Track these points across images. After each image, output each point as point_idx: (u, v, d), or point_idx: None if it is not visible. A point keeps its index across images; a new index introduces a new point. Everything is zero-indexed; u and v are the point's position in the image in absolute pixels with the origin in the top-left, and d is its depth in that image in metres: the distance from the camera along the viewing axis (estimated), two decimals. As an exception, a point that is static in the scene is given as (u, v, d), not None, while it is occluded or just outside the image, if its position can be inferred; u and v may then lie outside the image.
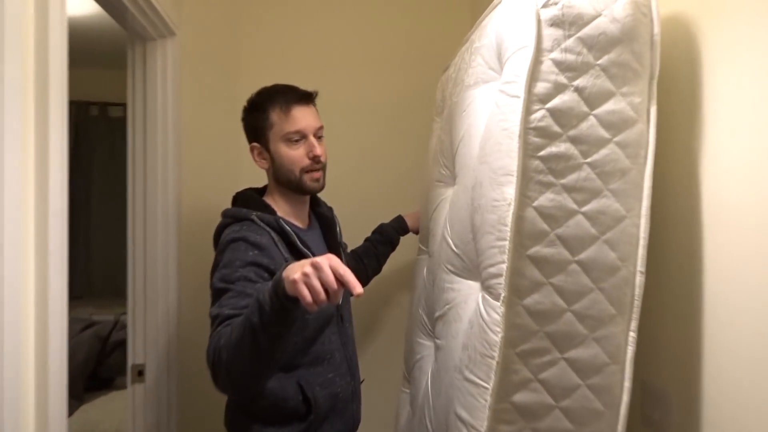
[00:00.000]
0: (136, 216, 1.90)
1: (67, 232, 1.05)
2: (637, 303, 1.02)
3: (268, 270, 1.23)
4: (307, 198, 1.47)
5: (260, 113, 1.37)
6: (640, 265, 1.01)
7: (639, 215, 1.02)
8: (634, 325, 1.02)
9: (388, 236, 1.78)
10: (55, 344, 1.01)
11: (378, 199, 2.01)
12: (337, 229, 1.54)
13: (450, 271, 1.30)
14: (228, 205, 1.43)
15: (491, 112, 1.12)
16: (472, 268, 1.19)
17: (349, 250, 1.70)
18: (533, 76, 0.99)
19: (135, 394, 1.91)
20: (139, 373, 1.91)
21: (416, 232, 1.79)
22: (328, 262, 0.93)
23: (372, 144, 2.13)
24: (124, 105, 4.57)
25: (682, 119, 1.04)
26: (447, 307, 1.30)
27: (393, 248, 1.80)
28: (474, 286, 1.20)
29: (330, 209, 1.57)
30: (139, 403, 1.91)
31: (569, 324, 1.01)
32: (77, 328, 3.56)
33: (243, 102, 2.03)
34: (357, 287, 0.92)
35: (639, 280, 1.02)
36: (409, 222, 1.78)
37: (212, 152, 2.02)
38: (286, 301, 0.97)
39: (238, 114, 2.03)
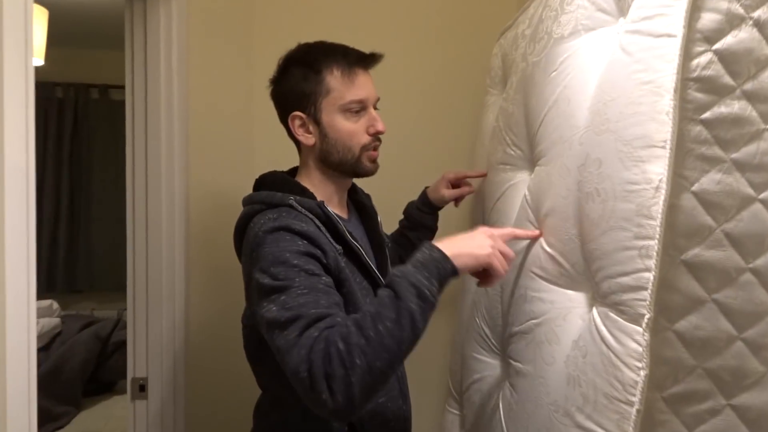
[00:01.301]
0: (137, 207, 1.68)
1: (34, 223, 0.82)
2: (833, 328, 0.73)
3: (322, 264, 0.99)
4: (350, 185, 1.24)
5: (313, 74, 1.11)
6: (839, 274, 0.73)
7: (839, 204, 0.73)
8: (827, 359, 0.74)
9: (413, 218, 1.51)
10: (17, 358, 0.83)
11: (417, 188, 1.75)
12: (379, 220, 1.30)
13: (537, 276, 1.04)
14: (244, 192, 1.16)
15: (613, 63, 0.84)
16: (575, 275, 0.93)
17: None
18: (696, 4, 0.70)
19: (136, 411, 1.72)
20: (141, 388, 1.70)
21: (439, 204, 1.48)
22: (493, 230, 1.00)
23: (411, 123, 1.88)
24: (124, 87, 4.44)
25: None
26: (533, 322, 1.03)
27: (428, 228, 1.51)
28: (577, 298, 0.94)
29: (368, 197, 1.33)
30: (141, 421, 1.72)
31: (739, 357, 0.75)
32: (75, 327, 3.35)
33: (259, 70, 1.78)
34: (535, 233, 1.05)
35: (837, 296, 0.73)
36: (431, 193, 1.49)
37: (223, 133, 1.78)
38: (449, 273, 0.92)
39: (254, 84, 1.79)
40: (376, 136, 1.14)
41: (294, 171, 1.22)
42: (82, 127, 4.27)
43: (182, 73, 1.68)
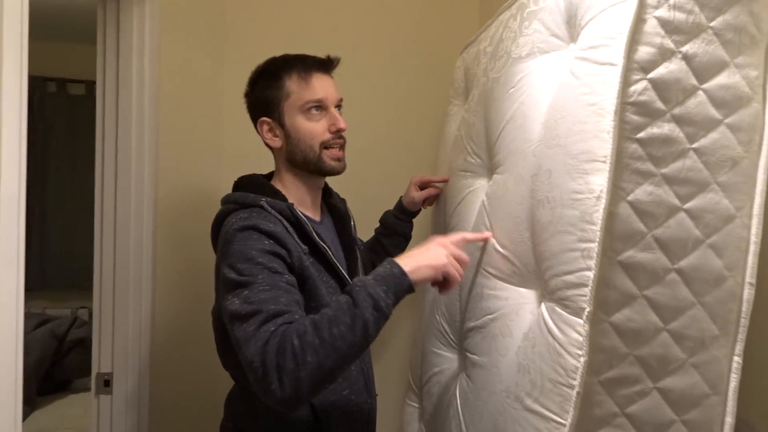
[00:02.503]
0: (105, 204, 1.65)
1: (24, 219, 0.85)
2: (744, 322, 0.85)
3: (286, 263, 1.04)
4: (322, 185, 1.28)
5: (274, 81, 1.18)
6: (750, 275, 0.84)
7: (750, 215, 0.84)
8: (739, 348, 0.85)
9: (389, 225, 1.56)
10: (6, 344, 0.86)
11: (384, 190, 1.79)
12: (352, 223, 1.34)
13: (492, 275, 1.11)
14: (212, 190, 1.20)
15: (564, 85, 0.92)
16: (527, 273, 1.01)
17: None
18: (634, 38, 0.80)
19: (100, 406, 1.69)
20: (106, 383, 1.68)
21: (415, 209, 1.55)
22: (445, 240, 1.03)
23: (379, 130, 1.91)
24: (84, 82, 4.31)
25: (800, 100, 0.86)
26: (488, 317, 1.10)
27: (402, 236, 1.57)
28: (528, 294, 1.02)
29: (343, 201, 1.38)
30: (105, 416, 1.69)
31: (664, 346, 0.83)
32: (30, 325, 3.25)
33: (229, 71, 1.81)
34: (484, 235, 1.12)
35: (747, 293, 0.84)
36: (404, 198, 1.56)
37: (193, 130, 1.78)
38: (405, 289, 0.97)
39: (224, 85, 1.82)
40: (338, 135, 1.18)
41: (271, 175, 1.27)
42: (38, 121, 4.14)
43: (154, 73, 1.67)
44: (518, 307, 1.02)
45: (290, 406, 0.91)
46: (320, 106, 1.16)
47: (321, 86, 1.16)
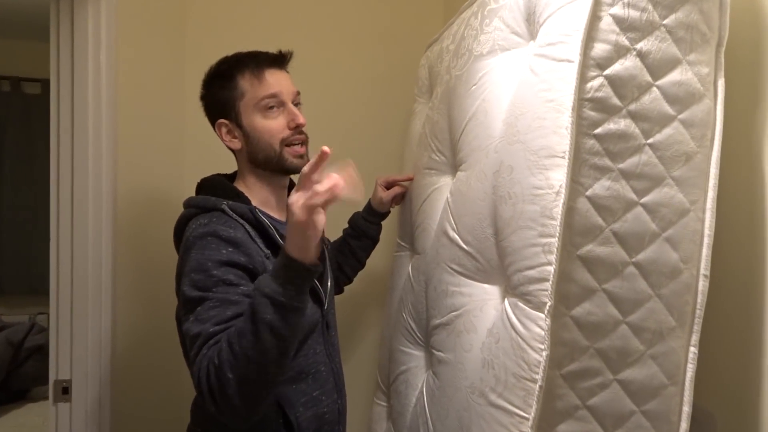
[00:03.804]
0: (62, 206, 1.60)
1: None
2: (699, 313, 0.87)
3: (246, 270, 1.02)
4: (286, 184, 1.26)
5: (227, 82, 1.15)
6: (704, 267, 0.86)
7: (704, 208, 0.86)
8: (695, 339, 0.87)
9: (358, 227, 1.55)
10: None
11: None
12: None
13: (456, 272, 1.11)
14: (174, 192, 1.18)
15: (523, 82, 0.93)
16: (490, 270, 1.02)
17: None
18: (590, 35, 0.81)
19: (59, 414, 1.64)
20: (64, 390, 1.64)
21: (384, 210, 1.55)
22: (295, 196, 0.88)
23: (345, 127, 1.90)
24: (40, 80, 4.19)
25: (750, 95, 0.89)
26: (453, 314, 1.11)
27: (370, 239, 1.56)
28: (492, 290, 1.03)
29: None
30: (64, 425, 1.64)
31: (624, 338, 0.84)
32: (-16, 333, 3.14)
33: (190, 68, 1.78)
34: (323, 148, 0.88)
35: (702, 285, 0.86)
36: (372, 200, 1.55)
37: (153, 130, 1.74)
38: (299, 272, 0.90)
39: (185, 85, 1.78)
40: (298, 130, 1.15)
41: (235, 174, 1.25)
42: (-9, 121, 4.00)
43: (111, 72, 1.63)
44: (482, 303, 1.03)
45: (238, 419, 0.95)
46: (276, 102, 1.14)
47: (275, 81, 1.14)
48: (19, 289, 3.98)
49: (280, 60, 1.18)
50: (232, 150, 1.20)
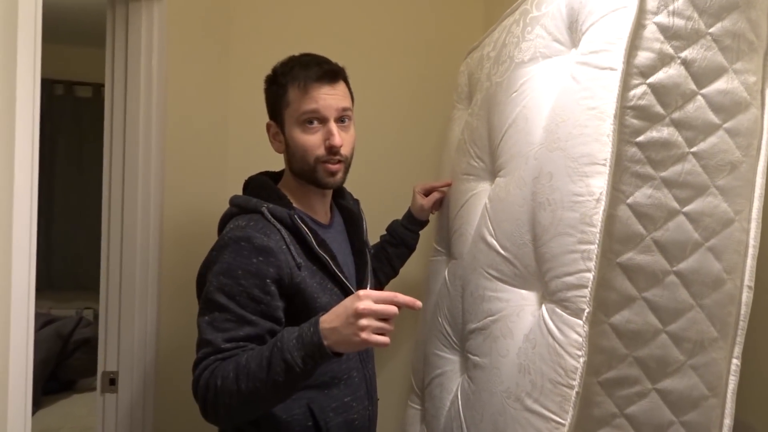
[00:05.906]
0: (113, 206, 1.66)
1: (36, 220, 0.87)
2: (743, 324, 0.85)
3: (275, 281, 1.05)
4: (327, 192, 1.25)
5: (279, 88, 1.17)
6: (748, 278, 0.85)
7: (749, 219, 0.85)
8: (738, 350, 0.85)
9: (397, 235, 1.56)
10: (18, 343, 0.90)
11: (388, 194, 1.80)
12: (364, 225, 1.32)
13: (493, 277, 1.12)
14: (218, 193, 1.21)
15: (565, 89, 0.94)
16: (528, 276, 1.02)
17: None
18: (634, 43, 0.81)
19: (105, 404, 1.69)
20: (111, 381, 1.69)
21: (424, 217, 1.56)
22: (366, 297, 0.90)
23: (384, 134, 1.91)
24: (91, 84, 4.35)
25: (799, 105, 0.87)
26: (489, 319, 1.11)
27: (408, 248, 1.57)
28: (529, 296, 1.03)
29: (356, 202, 1.36)
30: (110, 415, 1.69)
31: (663, 348, 0.84)
32: (36, 325, 3.24)
33: (236, 77, 1.83)
34: (415, 303, 0.92)
35: (746, 296, 0.85)
36: (411, 207, 1.55)
37: (199, 131, 1.79)
38: (325, 358, 0.94)
39: (230, 91, 1.83)
40: (333, 150, 1.13)
41: (282, 173, 1.25)
42: (45, 123, 4.16)
43: (161, 75, 1.69)
44: (519, 309, 1.03)
45: (217, 425, 1.08)
46: (317, 117, 1.13)
47: (319, 97, 1.12)
48: (67, 285, 4.13)
49: (331, 75, 1.16)
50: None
